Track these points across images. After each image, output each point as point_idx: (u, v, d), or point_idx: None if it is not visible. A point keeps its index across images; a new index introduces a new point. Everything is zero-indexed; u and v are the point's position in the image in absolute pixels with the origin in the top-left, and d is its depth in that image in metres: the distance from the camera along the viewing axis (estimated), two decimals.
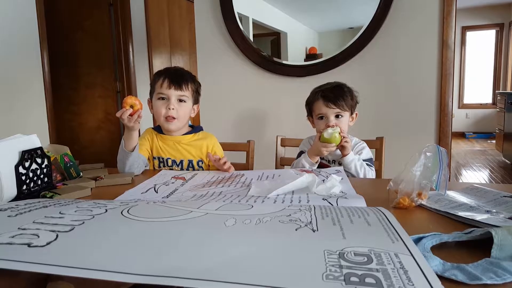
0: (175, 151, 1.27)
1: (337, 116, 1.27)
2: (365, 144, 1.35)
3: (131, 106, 1.08)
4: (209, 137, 1.32)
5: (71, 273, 0.32)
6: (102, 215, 0.46)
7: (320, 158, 1.27)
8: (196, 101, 1.30)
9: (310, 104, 1.36)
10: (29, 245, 0.36)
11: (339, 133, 1.18)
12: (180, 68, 1.31)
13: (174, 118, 1.22)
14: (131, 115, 1.07)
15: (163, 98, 1.23)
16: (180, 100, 1.23)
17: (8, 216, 0.46)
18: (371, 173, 1.26)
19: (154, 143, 1.29)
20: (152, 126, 1.35)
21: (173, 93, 1.21)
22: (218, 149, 1.32)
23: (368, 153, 1.32)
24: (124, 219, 0.45)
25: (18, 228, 0.40)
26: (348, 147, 1.20)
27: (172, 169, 1.26)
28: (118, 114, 1.08)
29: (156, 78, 1.26)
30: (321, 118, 1.29)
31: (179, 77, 1.23)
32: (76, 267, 0.32)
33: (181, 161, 1.27)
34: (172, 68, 1.31)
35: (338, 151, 1.25)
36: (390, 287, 0.29)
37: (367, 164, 1.27)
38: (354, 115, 1.34)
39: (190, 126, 1.36)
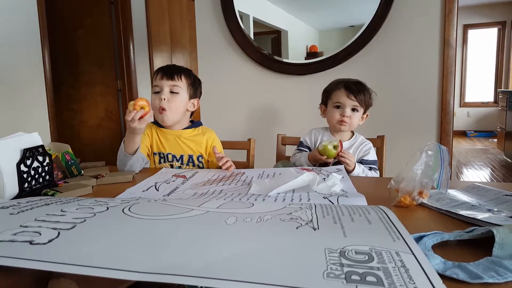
0: (175, 146, 1.28)
1: (353, 110, 1.30)
2: (371, 145, 1.34)
3: (142, 108, 1.05)
4: (209, 132, 1.33)
5: (72, 270, 0.32)
6: (103, 213, 0.46)
7: (321, 164, 1.27)
8: (193, 95, 1.31)
9: (329, 92, 1.37)
10: (31, 242, 0.36)
11: (335, 147, 1.15)
12: (178, 65, 1.33)
13: (164, 109, 1.23)
14: (141, 117, 1.05)
15: (157, 92, 1.25)
16: (173, 92, 1.24)
17: (10, 213, 0.46)
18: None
19: (154, 138, 1.29)
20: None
21: (165, 83, 1.23)
22: (217, 145, 1.32)
23: (373, 154, 1.33)
24: (126, 217, 0.45)
25: (20, 226, 0.40)
26: (349, 163, 1.17)
27: (172, 164, 1.27)
28: (129, 118, 1.04)
29: (153, 75, 1.30)
30: (337, 107, 1.32)
31: (172, 69, 1.26)
32: (78, 264, 0.32)
33: (181, 156, 1.28)
34: (170, 64, 1.34)
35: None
36: (391, 285, 0.29)
37: (370, 168, 1.27)
38: (365, 115, 1.36)
39: (190, 121, 1.37)
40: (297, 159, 1.33)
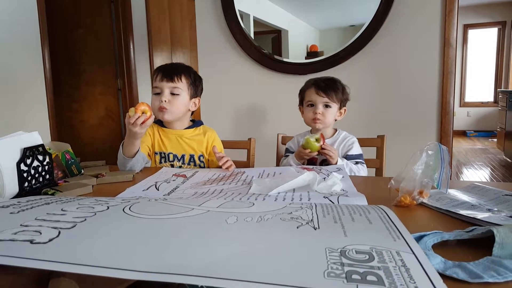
0: (177, 145, 1.28)
1: (326, 106, 1.31)
2: (355, 139, 1.35)
3: (143, 113, 1.04)
4: (210, 131, 1.33)
5: (73, 269, 0.32)
6: (104, 212, 0.46)
7: (309, 161, 1.27)
8: (194, 94, 1.30)
9: (302, 92, 1.40)
10: (31, 241, 0.36)
11: (317, 140, 1.18)
12: (177, 63, 1.33)
13: (164, 107, 1.22)
14: (143, 122, 1.03)
15: (158, 93, 1.24)
16: (173, 93, 1.23)
17: (11, 213, 0.46)
18: (362, 171, 1.26)
19: (156, 138, 1.29)
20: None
21: (165, 85, 1.23)
22: (218, 144, 1.32)
23: (357, 148, 1.33)
24: (126, 216, 0.45)
25: (21, 225, 0.40)
26: (332, 156, 1.18)
27: (173, 164, 1.27)
28: (131, 121, 1.01)
29: (153, 74, 1.29)
30: (311, 105, 1.34)
31: (171, 70, 1.25)
32: (78, 263, 0.32)
33: (183, 156, 1.27)
34: (169, 63, 1.33)
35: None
36: (391, 284, 0.29)
37: (357, 162, 1.27)
38: (342, 110, 1.37)
39: (191, 121, 1.37)
40: (284, 163, 1.35)
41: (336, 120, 1.37)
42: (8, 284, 0.37)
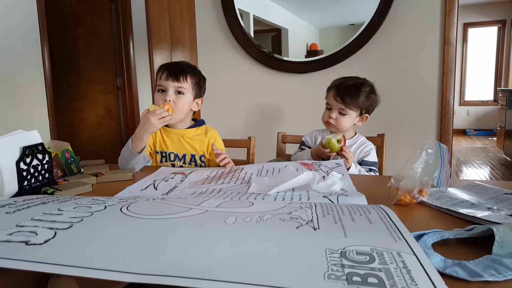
0: (178, 145, 1.27)
1: (341, 113, 1.28)
2: (372, 146, 1.32)
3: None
4: (211, 131, 1.33)
5: (69, 272, 0.31)
6: (101, 212, 0.46)
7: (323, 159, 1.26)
8: (197, 94, 1.30)
9: (327, 91, 1.36)
10: (26, 243, 0.35)
11: (339, 141, 1.15)
12: (183, 62, 1.32)
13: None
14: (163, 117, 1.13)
15: (162, 90, 1.23)
16: (179, 92, 1.23)
17: (6, 212, 0.45)
18: None
19: (158, 138, 1.29)
20: None
21: (171, 85, 1.22)
22: (219, 143, 1.32)
23: (374, 156, 1.31)
24: (123, 216, 0.45)
25: (16, 225, 0.40)
26: (348, 160, 1.16)
27: (173, 164, 1.26)
28: (158, 111, 1.11)
29: (157, 72, 1.27)
30: (329, 108, 1.31)
31: (177, 69, 1.24)
32: (74, 266, 0.32)
33: (184, 155, 1.27)
34: (174, 62, 1.33)
35: None
36: (393, 286, 0.29)
37: (370, 169, 1.25)
38: (364, 117, 1.32)
39: (193, 120, 1.36)
40: (298, 156, 1.33)
41: (355, 124, 1.33)
42: (6, 283, 0.37)
